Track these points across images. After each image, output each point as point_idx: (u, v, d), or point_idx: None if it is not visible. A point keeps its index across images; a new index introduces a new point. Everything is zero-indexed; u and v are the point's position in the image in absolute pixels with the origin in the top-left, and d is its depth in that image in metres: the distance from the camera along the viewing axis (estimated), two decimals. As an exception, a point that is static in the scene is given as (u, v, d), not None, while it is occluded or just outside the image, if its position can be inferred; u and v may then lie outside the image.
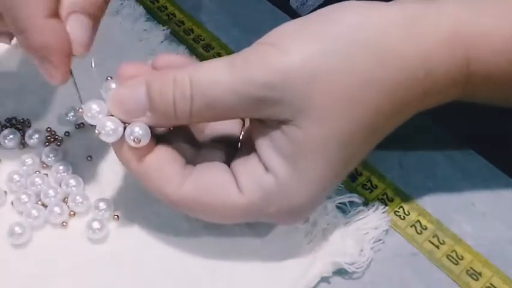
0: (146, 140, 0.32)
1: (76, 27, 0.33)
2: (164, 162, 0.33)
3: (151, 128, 0.32)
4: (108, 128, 0.32)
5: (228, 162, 0.34)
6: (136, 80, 0.32)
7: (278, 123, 0.31)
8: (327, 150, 0.32)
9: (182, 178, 0.33)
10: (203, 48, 0.46)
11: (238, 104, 0.31)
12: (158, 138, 0.34)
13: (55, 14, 0.33)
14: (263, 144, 0.32)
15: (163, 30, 0.47)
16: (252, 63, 0.31)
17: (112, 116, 0.32)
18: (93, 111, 0.33)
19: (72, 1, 0.33)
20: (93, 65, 0.35)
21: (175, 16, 0.48)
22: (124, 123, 0.32)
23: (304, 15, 0.33)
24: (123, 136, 0.32)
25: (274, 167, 0.32)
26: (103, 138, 0.32)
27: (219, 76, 0.31)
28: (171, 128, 0.35)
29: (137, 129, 0.32)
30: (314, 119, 0.31)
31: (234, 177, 0.33)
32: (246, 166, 0.33)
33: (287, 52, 0.31)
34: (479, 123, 0.45)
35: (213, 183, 0.33)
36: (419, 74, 0.32)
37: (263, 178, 0.32)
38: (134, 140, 0.32)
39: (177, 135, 0.35)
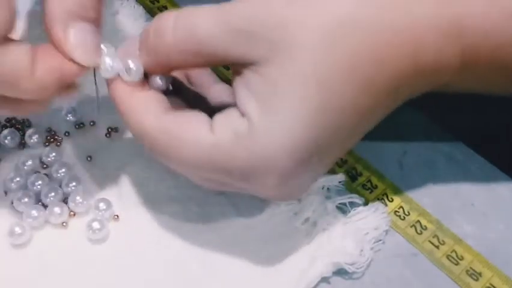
0: (137, 74, 0.33)
1: (82, 36, 0.33)
2: (150, 99, 0.33)
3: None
4: (107, 64, 0.33)
5: None
6: None
7: (255, 66, 0.31)
8: (302, 89, 0.30)
9: (162, 113, 0.32)
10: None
11: (218, 35, 0.31)
12: None
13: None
14: (239, 90, 0.32)
15: (163, 30, 0.47)
16: (235, 2, 0.31)
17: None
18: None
19: (67, 10, 0.32)
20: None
21: (175, 16, 0.48)
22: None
23: None
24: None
25: (248, 110, 0.31)
26: (102, 74, 0.33)
27: (203, 9, 0.31)
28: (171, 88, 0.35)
29: (130, 62, 0.33)
30: (290, 55, 0.30)
31: (211, 122, 0.32)
32: (223, 113, 0.32)
33: None
34: (479, 123, 0.45)
35: (187, 120, 0.32)
36: (406, 36, 0.32)
37: (236, 121, 0.31)
38: (126, 71, 0.32)
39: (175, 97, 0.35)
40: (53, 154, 0.39)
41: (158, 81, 0.33)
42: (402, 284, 0.36)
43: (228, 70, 0.43)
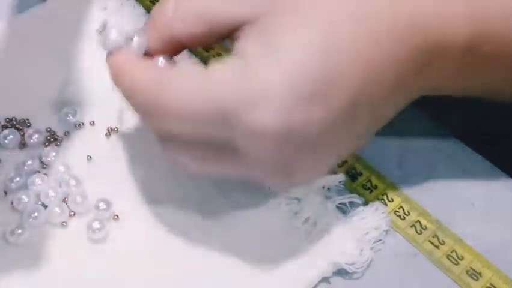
0: (139, 46, 0.33)
1: None
2: (145, 63, 0.33)
3: None
4: (113, 36, 0.33)
5: None
6: None
7: (256, 21, 0.30)
8: (306, 27, 0.30)
9: (154, 67, 0.32)
10: (203, 48, 0.46)
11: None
12: None
13: None
14: (240, 39, 0.31)
15: (163, 30, 0.47)
16: None
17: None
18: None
19: None
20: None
21: (175, 16, 0.48)
22: None
23: None
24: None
25: (246, 48, 0.30)
26: (107, 44, 0.34)
27: None
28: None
29: (136, 37, 0.33)
30: (293, 5, 0.30)
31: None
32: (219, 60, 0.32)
33: None
34: (479, 123, 0.45)
35: (180, 66, 0.32)
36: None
37: (232, 60, 0.30)
38: (129, 43, 0.33)
39: None
40: (53, 154, 0.39)
41: (160, 61, 0.33)
42: (402, 284, 0.36)
43: (207, 52, 0.43)
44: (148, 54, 0.33)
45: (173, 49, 0.33)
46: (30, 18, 0.46)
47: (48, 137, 0.40)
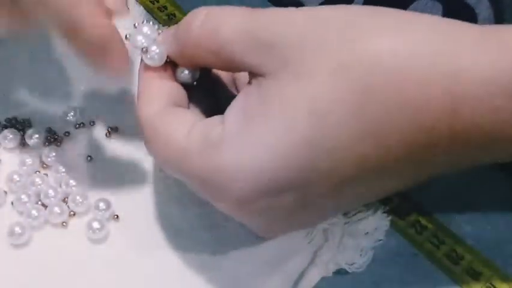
0: (157, 58, 0.33)
1: None
2: (161, 90, 0.33)
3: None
4: (138, 40, 0.33)
5: None
6: None
7: (260, 78, 0.29)
8: (293, 114, 0.28)
9: (161, 107, 0.32)
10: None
11: (238, 41, 0.30)
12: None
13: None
14: (235, 99, 0.30)
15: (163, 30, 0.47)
16: (265, 10, 0.30)
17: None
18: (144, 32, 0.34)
19: None
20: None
21: (175, 16, 0.48)
22: None
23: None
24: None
25: (228, 118, 0.30)
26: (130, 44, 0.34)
27: (232, 11, 0.31)
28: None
29: (154, 47, 0.33)
30: (295, 73, 0.28)
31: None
32: (209, 118, 0.31)
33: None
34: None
35: (174, 119, 0.32)
36: (444, 87, 0.27)
37: (213, 128, 0.30)
38: (147, 56, 0.33)
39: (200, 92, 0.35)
40: (53, 154, 0.39)
41: (182, 74, 0.33)
42: (402, 284, 0.36)
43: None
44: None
45: (193, 65, 0.33)
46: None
47: (48, 137, 0.40)
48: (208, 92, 0.35)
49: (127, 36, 0.34)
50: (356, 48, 0.28)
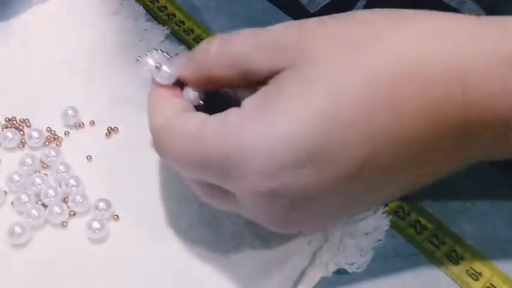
0: (167, 77, 0.34)
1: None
2: (169, 101, 0.33)
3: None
4: (149, 63, 0.34)
5: None
6: None
7: (278, 74, 0.30)
8: (311, 88, 0.28)
9: (172, 114, 0.32)
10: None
11: (251, 49, 0.31)
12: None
13: None
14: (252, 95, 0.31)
15: (163, 30, 0.47)
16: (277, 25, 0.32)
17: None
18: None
19: None
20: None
21: (175, 16, 0.48)
22: None
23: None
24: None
25: (245, 105, 0.30)
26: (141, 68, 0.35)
27: (244, 32, 0.32)
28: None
29: (165, 67, 0.34)
30: (311, 59, 0.29)
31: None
32: (223, 112, 0.31)
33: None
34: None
35: (188, 117, 0.32)
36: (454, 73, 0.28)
37: (228, 115, 0.30)
38: (158, 72, 0.34)
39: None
40: (53, 154, 0.39)
41: (189, 93, 0.34)
42: (402, 284, 0.36)
43: None
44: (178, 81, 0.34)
45: (210, 84, 0.34)
46: (31, 18, 0.46)
47: (49, 137, 0.40)
48: (215, 112, 0.35)
49: (137, 59, 0.35)
50: (371, 46, 0.29)
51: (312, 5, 0.51)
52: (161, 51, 0.35)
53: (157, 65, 0.34)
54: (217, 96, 0.35)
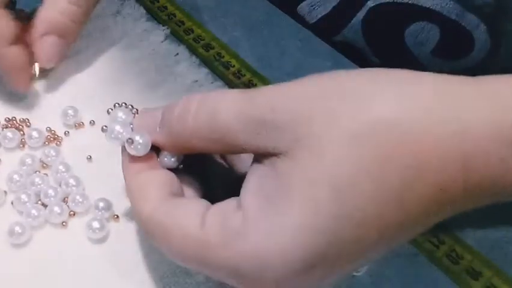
0: (142, 149, 0.32)
1: (44, 46, 0.41)
2: (153, 183, 0.32)
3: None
4: (115, 131, 0.33)
5: None
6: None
7: (273, 158, 0.28)
8: (316, 191, 0.27)
9: (161, 201, 0.31)
10: (203, 48, 0.46)
11: (238, 126, 0.29)
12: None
13: (18, 41, 0.40)
14: (248, 177, 0.29)
15: (163, 30, 0.47)
16: (260, 90, 0.30)
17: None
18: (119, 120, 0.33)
19: (45, 25, 0.41)
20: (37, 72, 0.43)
21: (175, 16, 0.48)
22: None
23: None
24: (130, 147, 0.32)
25: (246, 203, 0.28)
26: (107, 139, 0.33)
27: (226, 94, 0.30)
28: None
29: (137, 137, 0.32)
30: (310, 150, 0.27)
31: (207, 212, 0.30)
32: (220, 204, 0.30)
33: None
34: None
35: (181, 212, 0.30)
36: (453, 144, 0.28)
37: (230, 215, 0.29)
38: (131, 144, 0.32)
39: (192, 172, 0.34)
40: (53, 154, 0.39)
41: (167, 160, 0.32)
42: (402, 284, 0.36)
43: (207, 52, 0.44)
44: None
45: (188, 152, 0.32)
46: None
47: (48, 137, 0.40)
48: (195, 169, 0.34)
49: (103, 128, 0.33)
50: (364, 117, 0.27)
51: (310, 16, 0.51)
52: (125, 104, 0.33)
53: (129, 139, 0.32)
54: (198, 156, 0.33)
